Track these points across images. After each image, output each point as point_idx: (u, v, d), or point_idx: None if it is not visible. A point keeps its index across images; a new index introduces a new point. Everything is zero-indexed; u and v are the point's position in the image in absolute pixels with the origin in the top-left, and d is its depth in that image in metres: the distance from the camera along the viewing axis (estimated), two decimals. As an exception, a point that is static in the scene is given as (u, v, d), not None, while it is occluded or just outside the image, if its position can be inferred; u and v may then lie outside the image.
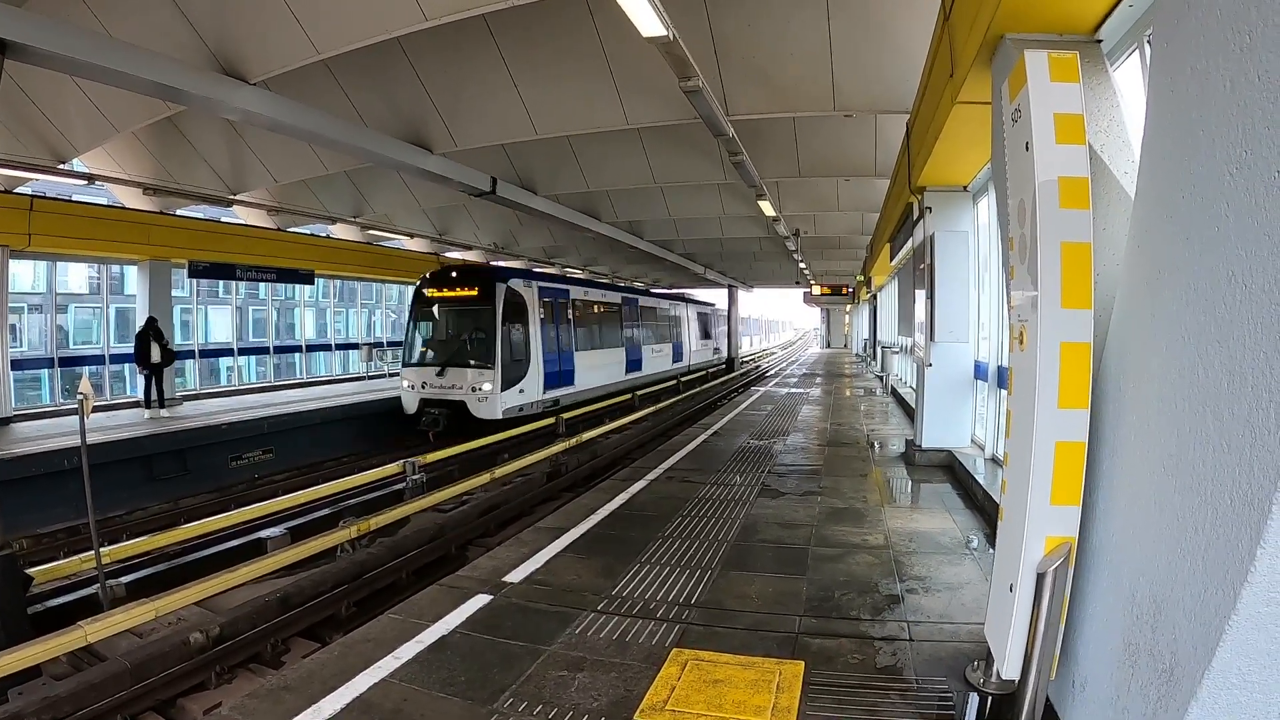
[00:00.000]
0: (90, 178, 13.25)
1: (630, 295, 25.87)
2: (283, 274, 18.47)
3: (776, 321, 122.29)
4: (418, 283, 17.54)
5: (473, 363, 15.67)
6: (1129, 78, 3.67)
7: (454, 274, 16.65)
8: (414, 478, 10.72)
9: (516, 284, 16.60)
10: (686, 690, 3.47)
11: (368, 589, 7.24)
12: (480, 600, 4.66)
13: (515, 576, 5.10)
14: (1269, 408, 1.62)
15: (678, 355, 31.10)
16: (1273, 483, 1.58)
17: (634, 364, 24.66)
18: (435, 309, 16.78)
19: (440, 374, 15.64)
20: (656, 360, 27.60)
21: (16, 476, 9.65)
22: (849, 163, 12.42)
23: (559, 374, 18.00)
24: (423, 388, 15.72)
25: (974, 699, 3.12)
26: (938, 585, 4.78)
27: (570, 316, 19.24)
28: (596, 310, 22.13)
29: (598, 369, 20.89)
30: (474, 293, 16.10)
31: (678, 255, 27.66)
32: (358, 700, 3.41)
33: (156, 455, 11.74)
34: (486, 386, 15.36)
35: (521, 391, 16.22)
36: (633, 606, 4.53)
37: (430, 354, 16.39)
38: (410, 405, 15.88)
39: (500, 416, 15.45)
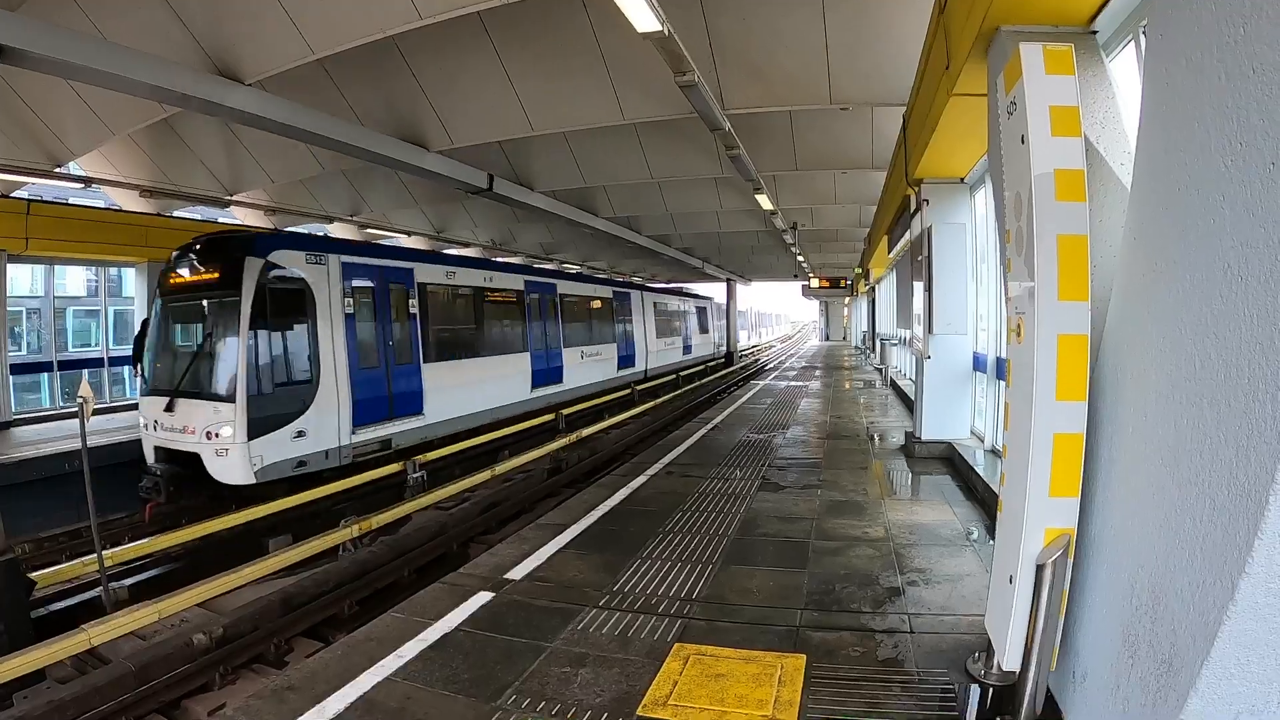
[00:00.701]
0: (87, 181, 13.22)
1: (540, 280, 18.12)
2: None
3: (771, 314, 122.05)
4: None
5: (205, 391, 9.45)
6: (1125, 70, 3.66)
7: (196, 247, 10.10)
8: (415, 475, 10.75)
9: (285, 257, 10.02)
10: (689, 685, 3.48)
11: (370, 588, 7.25)
12: (482, 598, 4.67)
13: (517, 573, 5.12)
14: (1266, 399, 1.63)
15: (628, 359, 24.06)
16: (1270, 474, 1.59)
17: (547, 374, 17.50)
18: (170, 305, 10.31)
19: (169, 409, 9.48)
20: (590, 367, 20.47)
21: (17, 481, 9.66)
22: (846, 156, 12.40)
23: (388, 400, 11.59)
24: (154, 429, 9.67)
25: (975, 690, 3.13)
26: (938, 577, 4.79)
27: (416, 309, 12.51)
28: (475, 301, 14.77)
29: (473, 387, 14.09)
30: (213, 275, 9.77)
31: (675, 249, 27.62)
32: (361, 699, 3.42)
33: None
34: (225, 431, 9.10)
35: (300, 435, 9.86)
36: (634, 602, 4.55)
37: (159, 377, 10.06)
38: (149, 453, 9.82)
39: (253, 480, 9.21)
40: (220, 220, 19.95)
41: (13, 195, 12.62)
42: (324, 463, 10.29)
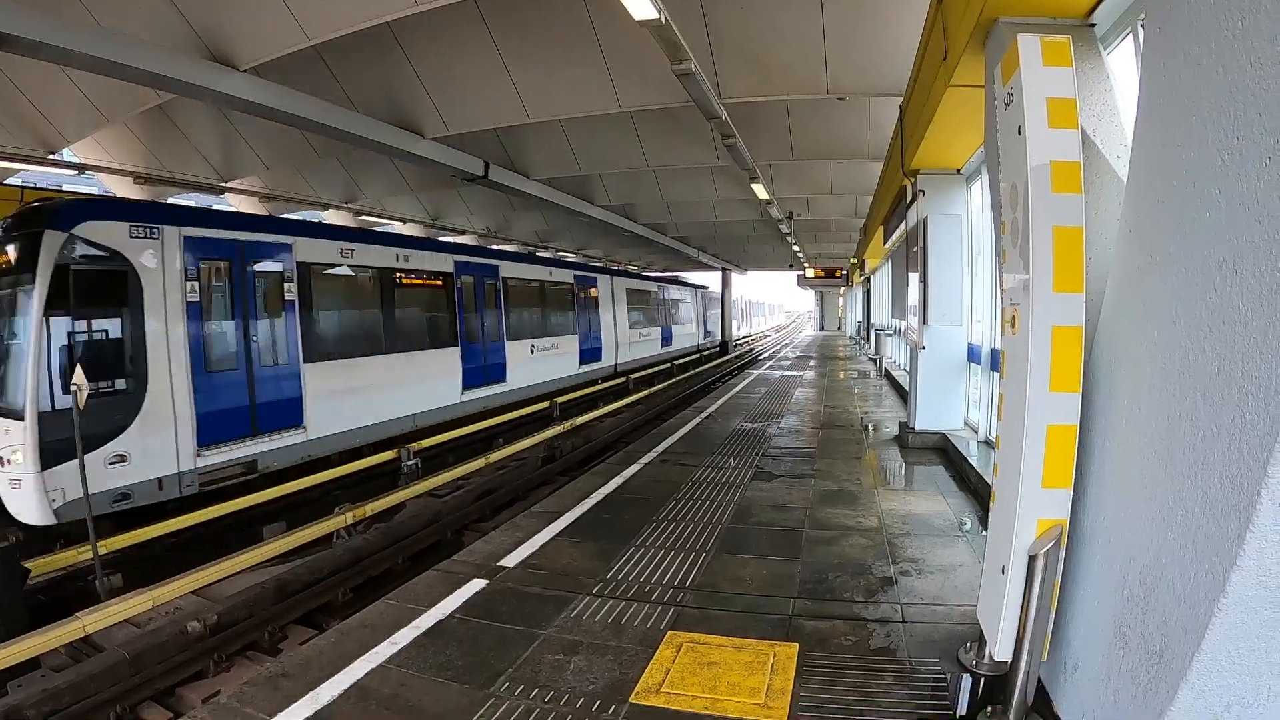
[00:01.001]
0: (81, 168, 13.12)
1: (477, 261, 15.34)
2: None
3: (764, 304, 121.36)
4: None
5: None
6: (1123, 63, 3.66)
7: (8, 221, 8.01)
8: (409, 463, 10.75)
9: (98, 230, 7.80)
10: (682, 673, 3.49)
11: (364, 575, 7.26)
12: (476, 585, 4.68)
13: (511, 561, 5.13)
14: (1259, 392, 1.64)
15: (593, 353, 21.21)
16: (1262, 467, 1.60)
17: (484, 372, 14.85)
18: None
19: None
20: (543, 363, 17.62)
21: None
22: (842, 145, 12.37)
23: (250, 411, 9.29)
24: None
25: (967, 680, 3.15)
26: (931, 567, 4.82)
27: (294, 295, 10.10)
28: (381, 285, 12.12)
29: (377, 392, 11.53)
30: (14, 255, 7.66)
31: (671, 238, 27.59)
32: (355, 686, 3.43)
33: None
34: (16, 458, 7.12)
35: (120, 461, 7.70)
36: (628, 590, 4.56)
37: None
38: None
39: (52, 520, 7.15)
40: (215, 206, 19.81)
41: (6, 182, 12.51)
42: (157, 494, 8.09)
